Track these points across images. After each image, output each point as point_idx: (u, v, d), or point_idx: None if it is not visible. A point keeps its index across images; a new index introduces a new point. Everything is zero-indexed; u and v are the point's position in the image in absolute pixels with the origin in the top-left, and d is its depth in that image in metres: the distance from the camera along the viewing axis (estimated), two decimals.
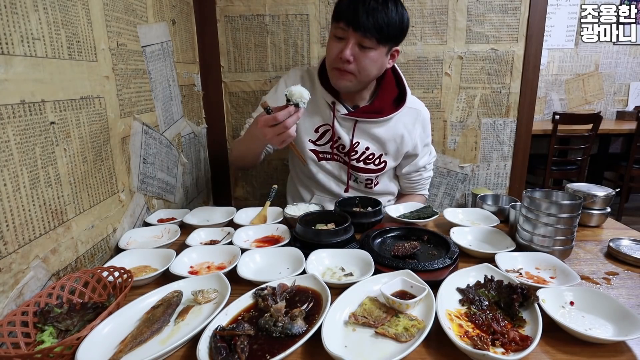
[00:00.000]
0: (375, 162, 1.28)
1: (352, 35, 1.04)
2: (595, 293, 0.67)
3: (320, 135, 1.27)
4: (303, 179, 1.38)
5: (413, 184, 1.39)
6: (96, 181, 0.87)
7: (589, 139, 3.00)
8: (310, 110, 1.24)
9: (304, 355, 0.56)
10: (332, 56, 1.10)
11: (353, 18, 1.02)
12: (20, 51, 0.66)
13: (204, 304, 0.68)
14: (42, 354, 0.52)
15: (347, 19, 1.03)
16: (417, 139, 1.28)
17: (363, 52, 1.06)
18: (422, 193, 1.42)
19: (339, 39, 1.08)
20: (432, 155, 1.38)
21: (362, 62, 1.07)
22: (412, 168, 1.34)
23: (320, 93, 1.23)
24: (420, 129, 1.28)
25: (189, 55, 1.52)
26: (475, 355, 0.53)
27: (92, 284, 0.72)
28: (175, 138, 1.35)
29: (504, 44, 1.65)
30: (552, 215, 0.83)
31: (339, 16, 1.05)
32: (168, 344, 0.56)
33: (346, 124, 1.24)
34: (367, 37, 1.03)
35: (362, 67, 1.08)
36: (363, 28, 1.01)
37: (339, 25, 1.05)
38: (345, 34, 1.05)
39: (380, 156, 1.27)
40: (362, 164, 1.28)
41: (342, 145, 1.26)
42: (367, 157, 1.27)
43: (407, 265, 0.78)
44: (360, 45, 1.05)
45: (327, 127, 1.25)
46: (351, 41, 1.05)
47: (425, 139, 1.31)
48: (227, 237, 0.97)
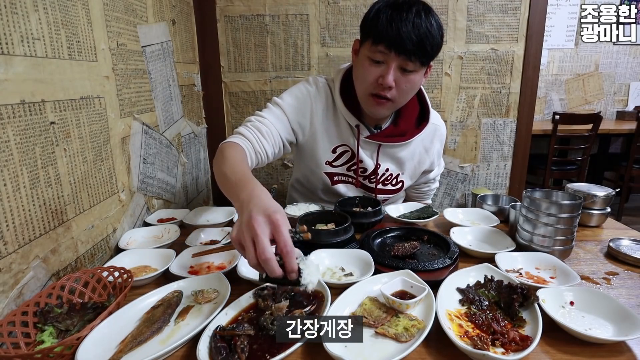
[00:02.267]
0: (392, 183, 1.23)
1: (394, 59, 0.93)
2: (595, 293, 0.67)
3: (338, 156, 1.17)
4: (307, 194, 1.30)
5: (420, 194, 1.38)
6: (96, 181, 0.87)
7: (589, 139, 3.00)
8: (328, 128, 1.14)
9: (304, 355, 0.56)
10: (370, 82, 0.98)
11: (396, 41, 0.90)
12: (20, 51, 0.66)
13: (204, 304, 0.68)
14: (42, 354, 0.52)
15: (389, 42, 0.91)
16: (434, 155, 1.24)
17: (405, 77, 0.96)
18: (427, 203, 1.40)
19: (376, 62, 0.96)
20: (442, 166, 1.35)
21: (402, 87, 0.98)
22: (423, 180, 1.31)
23: (342, 113, 1.12)
24: (438, 144, 1.24)
25: (189, 55, 1.52)
26: (475, 355, 0.53)
27: (92, 284, 0.72)
28: (175, 138, 1.35)
29: (504, 44, 1.65)
30: (552, 215, 0.83)
31: (378, 38, 0.92)
32: (168, 344, 0.56)
33: (368, 147, 1.16)
34: (412, 61, 0.93)
35: (403, 91, 0.99)
36: (408, 52, 0.91)
37: (378, 49, 0.93)
38: (385, 57, 0.94)
39: (397, 176, 1.22)
40: (381, 185, 1.22)
41: (364, 169, 1.18)
42: (385, 178, 1.21)
43: (407, 265, 0.78)
44: (402, 68, 0.95)
45: (345, 148, 1.16)
46: (392, 65, 0.94)
47: (440, 151, 1.28)
48: (227, 237, 0.97)
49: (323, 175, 1.19)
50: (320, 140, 1.15)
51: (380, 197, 1.24)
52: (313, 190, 1.27)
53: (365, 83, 1.00)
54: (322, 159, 1.17)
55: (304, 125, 1.13)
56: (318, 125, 1.13)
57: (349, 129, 1.14)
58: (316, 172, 1.20)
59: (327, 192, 1.24)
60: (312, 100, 1.12)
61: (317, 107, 1.13)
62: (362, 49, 1.00)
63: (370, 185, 1.21)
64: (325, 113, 1.14)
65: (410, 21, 0.90)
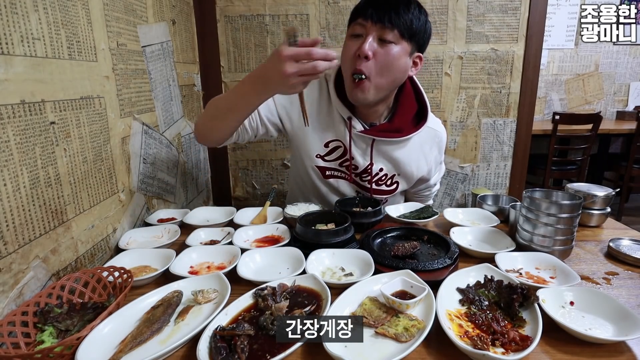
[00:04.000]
0: (387, 183, 1.21)
1: (372, 29, 0.94)
2: (595, 293, 0.67)
3: (330, 151, 1.17)
4: (304, 190, 1.31)
5: (421, 197, 1.36)
6: (96, 181, 0.87)
7: (589, 139, 3.00)
8: (322, 122, 1.15)
9: (304, 355, 0.56)
10: (349, 56, 0.98)
11: (373, 11, 0.92)
12: (20, 51, 0.66)
13: (204, 304, 0.68)
14: (42, 354, 0.52)
15: (366, 12, 0.93)
16: (432, 163, 1.23)
17: (384, 47, 0.95)
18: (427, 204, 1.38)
19: (356, 37, 0.97)
20: (442, 170, 1.34)
21: (381, 60, 0.96)
22: (422, 186, 1.30)
23: (335, 105, 1.12)
24: (436, 151, 1.23)
25: (189, 55, 1.52)
26: (475, 355, 0.53)
27: (92, 284, 0.72)
28: (175, 138, 1.35)
29: (504, 44, 1.65)
30: (552, 215, 0.83)
31: (356, 13, 0.97)
32: (168, 344, 0.56)
33: (361, 143, 1.15)
34: (389, 29, 0.93)
35: (381, 66, 0.96)
36: (384, 19, 0.91)
37: (358, 22, 0.96)
38: (363, 29, 0.95)
39: (392, 177, 1.20)
40: (375, 185, 1.20)
41: (355, 166, 1.17)
42: (379, 178, 1.20)
43: (407, 265, 0.78)
44: (381, 39, 0.94)
45: (338, 143, 1.15)
46: (370, 35, 0.94)
47: (439, 159, 1.27)
48: (227, 237, 0.97)
49: (315, 168, 1.20)
50: (311, 132, 1.15)
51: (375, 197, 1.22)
52: (309, 185, 1.27)
53: (346, 60, 1.01)
54: (312, 151, 1.17)
55: (290, 112, 1.14)
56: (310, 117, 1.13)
57: (342, 123, 1.14)
58: (308, 165, 1.20)
59: (322, 184, 1.23)
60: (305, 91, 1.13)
61: (308, 98, 1.12)
62: (347, 33, 1.03)
63: (363, 183, 1.21)
64: (319, 106, 1.15)
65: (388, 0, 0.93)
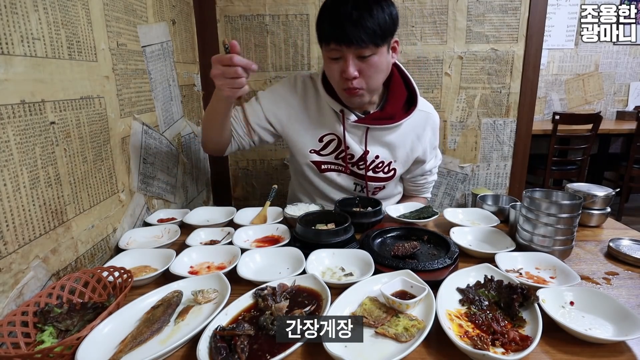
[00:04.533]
0: (384, 170, 1.23)
1: (348, 51, 0.97)
2: (595, 293, 0.67)
3: (325, 145, 1.20)
4: (305, 186, 1.33)
5: (417, 187, 1.37)
6: (96, 181, 0.87)
7: (589, 139, 3.00)
8: (313, 118, 1.19)
9: (304, 355, 0.56)
10: (336, 78, 1.04)
11: (342, 35, 0.95)
12: (20, 51, 0.66)
13: (204, 304, 0.68)
14: (42, 354, 0.52)
15: (337, 38, 0.96)
16: (427, 143, 1.24)
17: (366, 63, 0.99)
18: (425, 196, 1.40)
19: (335, 60, 1.01)
20: (439, 158, 1.35)
21: (367, 73, 1.01)
22: (419, 172, 1.31)
23: (325, 101, 1.16)
24: (430, 132, 1.24)
25: (189, 55, 1.52)
26: (475, 355, 0.53)
27: (92, 284, 0.72)
28: (175, 138, 1.35)
29: (504, 44, 1.65)
30: (552, 215, 0.83)
31: (326, 38, 0.99)
32: (168, 344, 0.56)
33: (356, 132, 1.18)
34: (363, 47, 0.96)
35: (370, 77, 1.02)
36: (356, 40, 0.94)
37: (331, 47, 0.99)
38: (340, 52, 0.98)
39: (389, 163, 1.22)
40: (372, 173, 1.22)
41: (351, 155, 1.19)
42: (376, 165, 1.22)
43: (407, 265, 0.78)
44: (360, 56, 0.98)
45: (332, 137, 1.18)
46: (349, 57, 0.98)
47: (434, 142, 1.27)
48: (227, 237, 0.97)
49: (310, 164, 1.23)
50: (304, 129, 1.19)
51: (373, 185, 1.25)
52: (307, 182, 1.29)
53: (333, 80, 1.07)
54: (306, 148, 1.20)
55: (278, 114, 1.19)
56: (300, 115, 1.19)
57: (334, 116, 1.17)
58: (303, 162, 1.24)
59: (320, 180, 1.26)
60: (289, 93, 1.19)
61: (294, 99, 1.19)
62: (323, 52, 1.06)
63: (360, 172, 1.22)
64: (307, 103, 1.19)
65: (348, 13, 0.94)
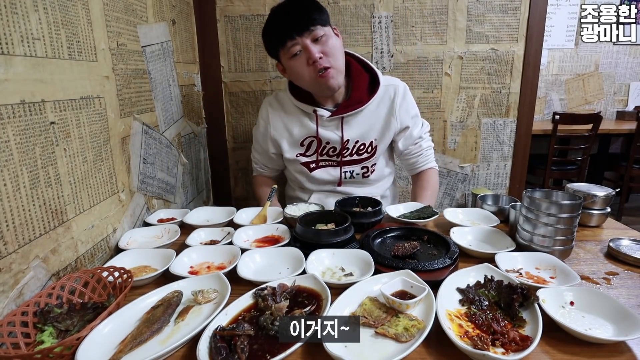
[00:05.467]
0: (367, 151, 1.28)
1: (303, 40, 1.08)
2: (595, 293, 0.67)
3: (307, 147, 1.28)
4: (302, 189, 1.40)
5: (416, 157, 1.35)
6: (96, 181, 0.87)
7: (589, 139, 3.00)
8: (291, 126, 1.26)
9: (304, 355, 0.56)
10: (305, 71, 1.12)
11: (291, 28, 1.07)
12: (20, 51, 0.66)
13: (204, 304, 0.68)
14: (42, 354, 0.52)
15: (289, 34, 1.07)
16: (401, 112, 1.27)
17: (322, 44, 1.09)
18: (431, 166, 1.37)
19: (296, 55, 1.10)
20: (426, 125, 1.36)
21: (328, 51, 1.10)
22: (409, 141, 1.31)
23: (297, 108, 1.26)
24: (400, 99, 1.26)
25: (189, 55, 1.52)
26: (475, 355, 0.53)
27: (92, 284, 0.72)
28: (175, 138, 1.35)
29: (504, 44, 1.65)
30: (552, 215, 0.83)
31: (281, 41, 1.10)
32: (168, 344, 0.56)
33: (332, 125, 1.24)
34: (313, 30, 1.07)
35: (332, 54, 1.11)
36: (305, 25, 1.06)
37: (288, 45, 1.09)
38: (298, 46, 1.09)
39: (371, 143, 1.27)
40: (356, 156, 1.28)
41: (333, 148, 1.27)
42: (358, 148, 1.27)
43: (407, 265, 0.78)
44: (315, 39, 1.09)
45: (310, 139, 1.27)
46: (307, 44, 1.08)
47: (410, 110, 1.29)
48: (227, 237, 0.97)
49: (301, 168, 1.31)
50: (287, 142, 1.29)
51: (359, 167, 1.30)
52: (300, 183, 1.37)
53: (305, 75, 1.14)
54: (293, 154, 1.29)
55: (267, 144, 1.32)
56: (281, 133, 1.29)
57: (308, 118, 1.26)
58: (295, 169, 1.34)
59: (310, 180, 1.34)
60: (265, 122, 1.31)
61: (272, 123, 1.29)
62: (283, 61, 1.16)
63: (345, 159, 1.29)
64: (284, 119, 1.28)
65: (284, 8, 1.10)
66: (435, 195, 1.36)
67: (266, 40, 1.17)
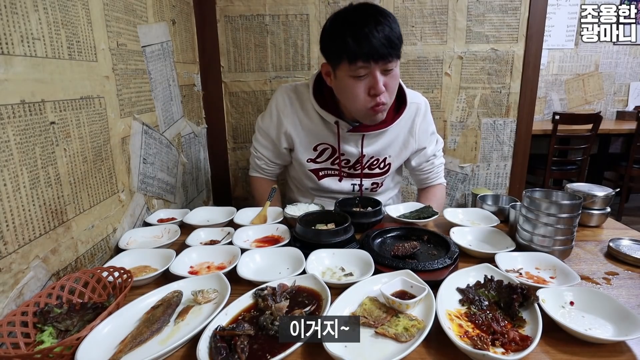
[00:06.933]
0: (380, 167, 1.26)
1: (376, 67, 0.97)
2: (595, 293, 0.67)
3: (320, 154, 1.23)
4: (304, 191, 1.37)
5: (427, 174, 1.33)
6: (96, 181, 0.87)
7: (589, 139, 3.00)
8: (306, 129, 1.21)
9: (304, 355, 0.56)
10: (363, 97, 1.02)
11: (372, 52, 0.94)
12: (20, 51, 0.66)
13: (204, 304, 0.68)
14: (41, 354, 0.52)
15: (366, 56, 0.95)
16: (421, 133, 1.24)
17: (389, 76, 1.01)
18: (440, 182, 1.36)
19: (360, 78, 0.99)
20: (440, 142, 1.34)
21: (391, 86, 1.03)
22: (422, 159, 1.30)
23: (320, 114, 1.17)
24: (420, 120, 1.24)
25: (189, 55, 1.52)
26: (475, 355, 0.53)
27: (92, 284, 0.72)
28: (175, 138, 1.35)
29: (504, 44, 1.65)
30: (552, 215, 0.83)
31: (354, 57, 0.96)
32: (168, 344, 0.56)
33: (352, 139, 1.20)
34: (390, 61, 0.97)
35: (392, 90, 1.04)
36: (385, 56, 0.95)
37: (358, 65, 0.96)
38: (367, 70, 0.98)
39: (384, 159, 1.25)
40: (367, 170, 1.26)
41: (347, 160, 1.23)
42: (371, 163, 1.25)
43: (407, 265, 0.78)
44: (385, 70, 0.99)
45: (325, 146, 1.22)
46: (376, 73, 0.98)
47: (428, 128, 1.26)
48: (227, 237, 0.97)
49: (308, 172, 1.27)
50: (300, 142, 1.23)
51: (370, 181, 1.28)
52: (304, 187, 1.34)
53: (358, 100, 1.04)
54: (303, 158, 1.25)
55: (280, 137, 1.24)
56: (296, 130, 1.22)
57: (327, 127, 1.20)
58: (302, 171, 1.29)
59: (316, 187, 1.30)
60: (282, 113, 1.21)
61: (288, 116, 1.21)
62: (339, 72, 1.02)
63: (356, 172, 1.26)
64: (301, 117, 1.22)
65: (373, 28, 0.94)
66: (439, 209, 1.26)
67: (331, 44, 1.02)
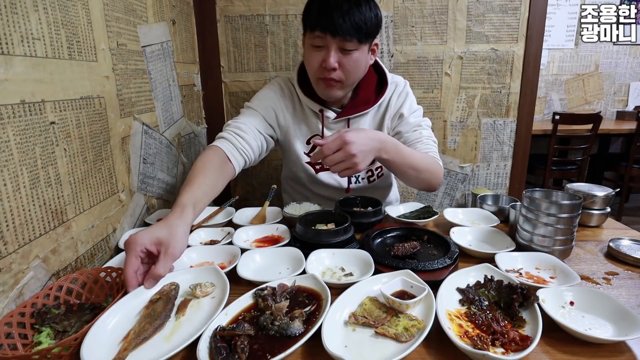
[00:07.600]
0: None
1: (332, 41, 0.99)
2: (595, 293, 0.67)
3: (313, 147, 1.22)
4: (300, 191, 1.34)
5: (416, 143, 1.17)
6: (96, 181, 0.87)
7: (589, 139, 3.00)
8: (298, 122, 1.21)
9: (304, 355, 0.56)
10: (315, 66, 1.04)
11: (329, 23, 0.96)
12: (20, 51, 0.66)
13: (202, 298, 0.69)
14: (39, 355, 0.52)
15: (323, 26, 0.97)
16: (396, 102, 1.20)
17: (346, 56, 1.01)
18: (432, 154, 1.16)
19: (318, 48, 1.02)
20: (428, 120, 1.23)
21: (347, 67, 1.03)
22: (406, 127, 1.19)
23: (305, 102, 1.18)
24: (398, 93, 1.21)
25: (189, 55, 1.52)
26: (475, 355, 0.53)
27: (90, 285, 0.72)
28: (175, 138, 1.35)
29: (504, 44, 1.65)
30: (552, 215, 0.83)
31: (312, 25, 0.99)
32: (173, 340, 0.57)
33: (338, 126, 1.20)
34: (348, 40, 0.98)
35: (348, 71, 1.04)
36: (342, 31, 0.96)
37: (316, 34, 0.99)
38: (323, 41, 1.00)
39: None
40: None
41: None
42: None
43: (407, 265, 0.78)
44: (342, 49, 1.00)
45: (317, 137, 1.21)
46: (332, 47, 0.99)
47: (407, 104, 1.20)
48: (227, 237, 0.97)
49: (305, 167, 1.25)
50: (294, 135, 1.22)
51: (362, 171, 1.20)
52: (301, 184, 1.31)
53: (312, 68, 1.07)
54: (299, 152, 1.24)
55: (273, 124, 1.20)
56: (288, 122, 1.21)
57: (314, 116, 1.20)
58: (298, 166, 1.26)
59: (313, 182, 1.28)
60: (277, 100, 1.20)
61: (282, 106, 1.20)
62: (305, 39, 1.07)
63: None
64: (293, 109, 1.22)
65: (339, 3, 0.96)
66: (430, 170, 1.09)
67: (306, 9, 1.04)
